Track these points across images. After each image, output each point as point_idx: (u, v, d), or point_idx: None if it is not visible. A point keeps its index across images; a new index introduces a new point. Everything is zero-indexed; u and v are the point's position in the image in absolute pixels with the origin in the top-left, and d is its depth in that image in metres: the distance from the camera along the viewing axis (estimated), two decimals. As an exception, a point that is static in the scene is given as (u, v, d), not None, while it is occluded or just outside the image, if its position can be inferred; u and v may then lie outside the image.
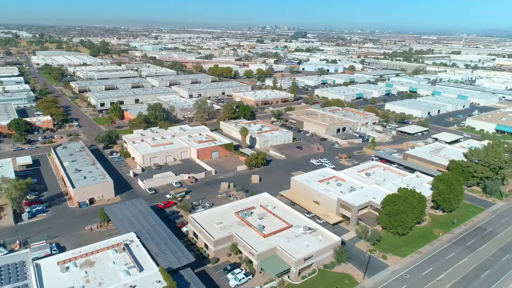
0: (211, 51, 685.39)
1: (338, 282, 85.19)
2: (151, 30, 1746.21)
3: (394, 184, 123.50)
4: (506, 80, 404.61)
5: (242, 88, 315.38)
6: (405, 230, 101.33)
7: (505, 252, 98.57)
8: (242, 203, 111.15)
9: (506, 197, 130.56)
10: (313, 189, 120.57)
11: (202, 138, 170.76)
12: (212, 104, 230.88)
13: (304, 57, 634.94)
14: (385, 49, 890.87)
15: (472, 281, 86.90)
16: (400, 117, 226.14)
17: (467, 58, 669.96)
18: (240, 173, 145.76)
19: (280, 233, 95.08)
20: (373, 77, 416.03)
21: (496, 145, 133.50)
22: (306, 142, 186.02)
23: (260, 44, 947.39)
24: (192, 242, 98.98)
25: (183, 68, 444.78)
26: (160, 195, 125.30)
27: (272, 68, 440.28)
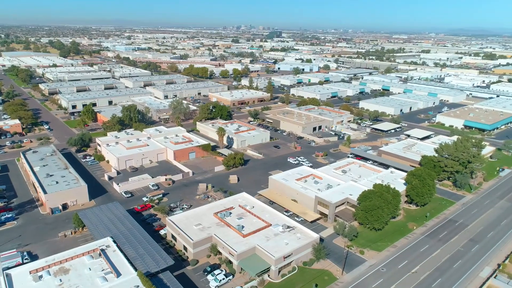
0: (186, 51, 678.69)
1: (317, 278, 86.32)
2: (123, 30, 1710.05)
3: (369, 180, 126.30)
4: (473, 78, 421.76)
5: (218, 88, 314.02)
6: (381, 225, 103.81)
7: (475, 243, 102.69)
8: (221, 204, 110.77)
9: (474, 190, 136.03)
10: (291, 188, 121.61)
11: (178, 139, 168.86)
12: (188, 105, 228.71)
13: (279, 56, 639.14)
14: (358, 48, 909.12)
15: (445, 272, 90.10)
16: (374, 115, 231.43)
17: (436, 57, 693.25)
18: (218, 174, 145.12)
19: (259, 232, 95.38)
20: (347, 76, 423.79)
21: (465, 140, 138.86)
22: (283, 141, 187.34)
23: (236, 44, 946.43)
24: (170, 244, 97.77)
25: (157, 68, 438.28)
26: (136, 198, 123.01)
27: (248, 68, 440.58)
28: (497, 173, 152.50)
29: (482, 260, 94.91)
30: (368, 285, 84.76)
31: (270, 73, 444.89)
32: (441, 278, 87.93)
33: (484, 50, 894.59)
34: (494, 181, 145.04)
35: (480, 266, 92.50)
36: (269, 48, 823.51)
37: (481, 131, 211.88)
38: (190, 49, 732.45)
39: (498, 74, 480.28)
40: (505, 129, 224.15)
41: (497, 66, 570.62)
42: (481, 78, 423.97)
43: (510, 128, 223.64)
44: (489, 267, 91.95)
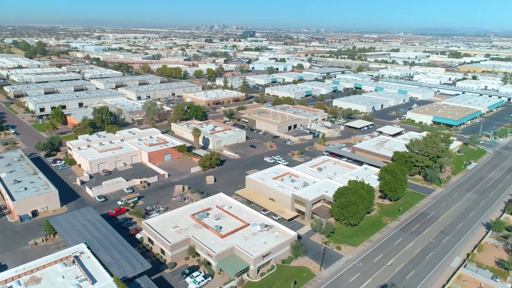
0: (158, 51, 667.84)
1: (296, 276, 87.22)
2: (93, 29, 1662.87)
3: (344, 177, 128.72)
4: (440, 76, 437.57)
5: (192, 88, 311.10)
6: (356, 220, 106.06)
7: (445, 234, 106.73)
8: (198, 205, 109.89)
9: (444, 183, 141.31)
10: (268, 187, 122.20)
11: (153, 141, 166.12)
12: (162, 106, 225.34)
13: (253, 56, 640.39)
14: (330, 47, 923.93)
15: (418, 264, 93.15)
16: (347, 113, 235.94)
17: (405, 55, 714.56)
18: (194, 175, 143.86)
19: (238, 232, 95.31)
20: (320, 74, 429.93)
21: (434, 136, 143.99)
22: (259, 141, 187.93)
23: (209, 44, 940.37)
24: (147, 248, 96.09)
25: (129, 69, 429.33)
26: (110, 202, 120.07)
27: (222, 68, 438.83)
28: (464, 166, 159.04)
29: (453, 251, 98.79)
30: (346, 280, 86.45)
31: (245, 73, 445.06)
32: (415, 269, 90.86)
33: (450, 48, 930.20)
34: (462, 175, 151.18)
35: (451, 257, 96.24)
36: (243, 48, 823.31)
37: (449, 126, 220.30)
38: (163, 49, 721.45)
39: (463, 71, 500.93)
40: (470, 124, 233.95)
41: (462, 64, 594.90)
42: (447, 76, 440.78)
43: (476, 123, 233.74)
44: (459, 257, 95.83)
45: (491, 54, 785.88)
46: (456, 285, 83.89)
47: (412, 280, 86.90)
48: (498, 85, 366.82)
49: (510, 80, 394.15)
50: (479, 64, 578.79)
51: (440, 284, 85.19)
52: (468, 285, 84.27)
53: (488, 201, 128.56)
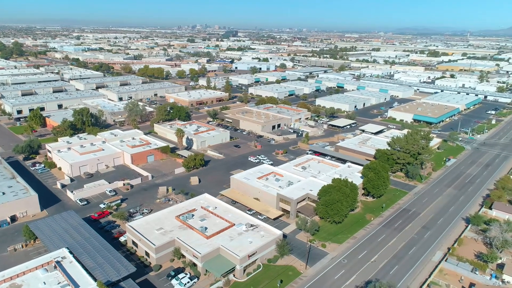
0: (140, 51, 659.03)
1: (282, 274, 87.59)
2: (71, 29, 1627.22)
3: (328, 175, 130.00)
4: (419, 74, 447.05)
5: (175, 88, 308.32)
6: (340, 218, 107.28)
7: (427, 229, 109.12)
8: (182, 206, 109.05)
9: (425, 179, 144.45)
10: (252, 186, 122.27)
11: (135, 142, 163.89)
12: (144, 106, 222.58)
13: (236, 56, 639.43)
14: (312, 47, 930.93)
15: (402, 259, 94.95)
16: (330, 112, 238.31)
17: (385, 55, 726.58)
18: (178, 176, 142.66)
19: (223, 232, 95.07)
20: (303, 74, 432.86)
21: (414, 133, 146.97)
22: (243, 140, 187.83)
23: (191, 44, 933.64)
24: (131, 251, 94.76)
25: (110, 69, 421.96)
26: (93, 205, 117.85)
27: (205, 68, 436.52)
28: (444, 163, 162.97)
29: (434, 245, 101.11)
30: (331, 277, 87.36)
31: (228, 73, 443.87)
32: (398, 265, 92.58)
33: (429, 48, 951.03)
34: (442, 171, 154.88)
35: (433, 251, 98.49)
36: (225, 48, 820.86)
37: (429, 124, 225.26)
38: (144, 49, 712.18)
39: (441, 70, 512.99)
40: (449, 121, 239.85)
41: (441, 63, 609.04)
42: (426, 74, 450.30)
43: (454, 121, 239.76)
44: (441, 252, 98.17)
45: (467, 53, 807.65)
46: (438, 279, 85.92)
47: (395, 275, 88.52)
48: (475, 83, 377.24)
49: (486, 78, 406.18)
50: (457, 63, 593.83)
51: (423, 278, 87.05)
52: (449, 278, 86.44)
53: (467, 196, 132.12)
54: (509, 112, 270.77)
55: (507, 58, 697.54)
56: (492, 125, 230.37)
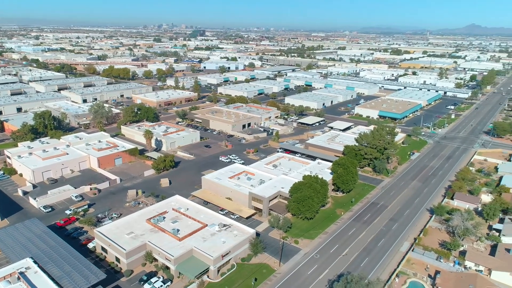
0: (104, 51, 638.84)
1: (257, 272, 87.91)
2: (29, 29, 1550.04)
3: (299, 172, 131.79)
4: (383, 72, 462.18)
5: (142, 89, 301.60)
6: (312, 214, 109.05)
7: (394, 222, 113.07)
8: (153, 209, 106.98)
9: (391, 173, 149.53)
10: (224, 186, 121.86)
11: (102, 145, 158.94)
12: (110, 108, 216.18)
13: (204, 55, 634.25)
14: (280, 46, 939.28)
15: (371, 251, 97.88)
16: (299, 110, 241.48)
17: (351, 53, 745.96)
18: (148, 178, 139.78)
19: (196, 234, 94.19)
20: (272, 73, 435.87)
21: (380, 129, 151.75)
22: (214, 140, 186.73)
23: (158, 43, 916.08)
24: (101, 257, 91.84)
25: (73, 70, 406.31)
26: (58, 212, 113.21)
27: (172, 68, 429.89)
28: (408, 157, 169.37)
29: (401, 237, 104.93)
30: (304, 273, 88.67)
31: (196, 72, 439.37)
32: (368, 257, 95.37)
33: (391, 46, 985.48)
34: (407, 164, 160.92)
35: (400, 242, 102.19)
36: (193, 47, 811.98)
37: (393, 120, 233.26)
38: (109, 49, 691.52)
39: (404, 68, 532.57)
40: (412, 117, 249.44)
41: (403, 61, 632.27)
42: (390, 72, 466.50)
43: (417, 116, 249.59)
44: (408, 242, 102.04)
45: (428, 51, 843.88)
46: (405, 268, 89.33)
47: (366, 267, 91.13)
48: (435, 80, 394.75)
49: (445, 75, 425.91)
50: (418, 61, 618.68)
51: (391, 269, 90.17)
52: (416, 267, 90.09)
53: (430, 188, 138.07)
54: (467, 107, 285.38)
55: (464, 55, 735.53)
56: (451, 120, 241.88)
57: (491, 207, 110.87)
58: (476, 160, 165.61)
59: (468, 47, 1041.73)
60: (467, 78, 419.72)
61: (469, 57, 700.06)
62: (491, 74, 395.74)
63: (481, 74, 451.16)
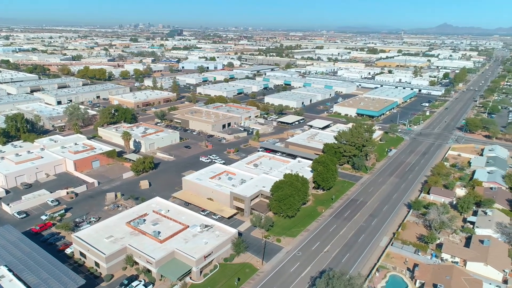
0: (78, 51, 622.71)
1: (239, 272, 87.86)
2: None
3: (280, 171, 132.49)
4: (360, 70, 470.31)
5: (119, 90, 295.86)
6: (293, 212, 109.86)
7: (374, 217, 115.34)
8: (133, 212, 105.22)
9: (369, 170, 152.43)
10: (205, 186, 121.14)
11: (78, 148, 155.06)
12: (86, 110, 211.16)
13: (182, 55, 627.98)
14: (259, 45, 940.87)
15: (352, 247, 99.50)
16: (278, 109, 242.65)
17: (328, 52, 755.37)
18: (127, 181, 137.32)
19: (177, 235, 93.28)
20: (251, 72, 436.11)
21: (358, 127, 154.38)
22: (194, 141, 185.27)
23: (135, 43, 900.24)
24: (79, 263, 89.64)
25: (46, 71, 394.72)
26: (33, 217, 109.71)
27: (150, 68, 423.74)
28: (386, 153, 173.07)
29: (381, 232, 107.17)
30: (287, 270, 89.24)
31: (174, 72, 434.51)
32: (349, 252, 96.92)
33: (368, 45, 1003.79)
34: (384, 161, 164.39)
35: (380, 237, 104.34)
36: (171, 47, 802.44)
37: (371, 117, 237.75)
38: (84, 49, 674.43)
39: (380, 66, 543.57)
40: (389, 114, 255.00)
41: (379, 59, 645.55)
42: (367, 71, 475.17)
43: (393, 113, 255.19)
44: (387, 237, 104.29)
45: (402, 50, 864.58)
46: (385, 262, 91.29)
47: (347, 262, 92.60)
48: (410, 78, 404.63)
49: (420, 73, 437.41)
50: (393, 59, 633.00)
51: (372, 263, 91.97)
52: (396, 261, 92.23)
53: (407, 183, 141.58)
54: (440, 104, 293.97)
55: (437, 54, 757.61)
56: (426, 116, 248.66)
57: (465, 200, 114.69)
58: (450, 156, 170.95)
59: (440, 46, 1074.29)
60: (440, 76, 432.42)
61: (442, 56, 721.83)
62: (463, 72, 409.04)
63: (453, 72, 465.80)
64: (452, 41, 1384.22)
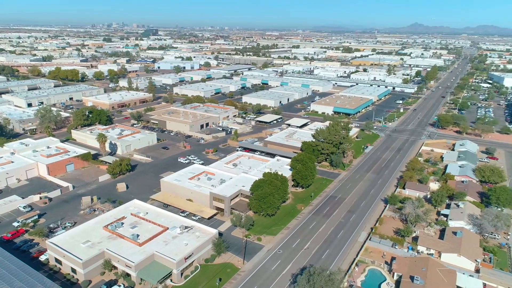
0: (49, 52, 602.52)
1: (221, 273, 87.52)
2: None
3: (259, 170, 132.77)
4: (336, 69, 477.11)
5: (93, 91, 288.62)
6: (273, 210, 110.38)
7: (352, 213, 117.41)
8: (110, 215, 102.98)
9: (347, 167, 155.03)
10: (184, 187, 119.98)
11: (51, 151, 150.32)
12: (59, 112, 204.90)
13: (158, 55, 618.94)
14: (236, 45, 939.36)
15: (331, 243, 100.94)
16: (256, 108, 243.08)
17: (305, 51, 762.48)
18: (103, 184, 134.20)
19: (157, 238, 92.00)
20: (228, 72, 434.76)
21: (335, 125, 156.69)
22: (172, 142, 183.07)
23: (108, 43, 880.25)
24: (55, 270, 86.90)
25: (15, 73, 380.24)
26: (4, 224, 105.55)
27: (125, 68, 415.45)
28: (362, 150, 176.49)
29: (359, 227, 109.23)
30: (268, 269, 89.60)
31: (150, 73, 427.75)
32: (329, 249, 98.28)
33: (343, 44, 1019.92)
34: (361, 158, 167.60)
35: (358, 232, 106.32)
36: (146, 47, 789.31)
37: (347, 115, 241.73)
38: (55, 50, 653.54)
39: (355, 65, 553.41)
40: (365, 112, 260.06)
41: (354, 58, 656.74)
42: (343, 69, 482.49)
43: (369, 111, 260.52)
44: (365, 232, 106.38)
45: (376, 49, 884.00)
46: (364, 257, 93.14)
47: (327, 258, 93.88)
48: (384, 76, 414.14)
49: (393, 72, 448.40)
50: (368, 58, 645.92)
51: (351, 258, 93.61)
52: (374, 255, 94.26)
53: (384, 179, 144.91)
54: (413, 101, 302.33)
55: (409, 53, 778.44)
56: (400, 113, 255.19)
57: (438, 194, 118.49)
58: (424, 151, 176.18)
59: (412, 45, 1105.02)
60: (413, 74, 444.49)
61: (414, 54, 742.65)
62: (434, 70, 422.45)
63: (425, 70, 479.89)
64: (423, 40, 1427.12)
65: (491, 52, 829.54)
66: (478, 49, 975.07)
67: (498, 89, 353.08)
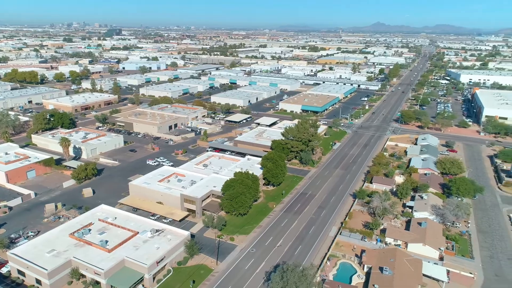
0: (4, 53, 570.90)
1: (194, 275, 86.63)
2: None
3: (230, 170, 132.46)
4: (303, 68, 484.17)
5: (54, 93, 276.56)
6: (245, 210, 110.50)
7: (322, 209, 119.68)
8: (77, 222, 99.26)
9: (316, 164, 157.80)
10: (154, 190, 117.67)
11: (10, 158, 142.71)
12: (17, 116, 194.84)
13: (122, 55, 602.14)
14: (202, 44, 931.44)
15: (303, 239, 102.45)
16: (225, 108, 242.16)
17: (272, 51, 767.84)
18: (68, 190, 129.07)
19: (126, 243, 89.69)
20: (195, 72, 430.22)
21: (304, 122, 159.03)
22: (139, 144, 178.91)
23: (69, 43, 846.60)
24: (18, 282, 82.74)
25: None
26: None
27: (87, 69, 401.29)
28: (331, 147, 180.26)
29: (330, 222, 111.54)
30: (242, 268, 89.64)
31: (115, 74, 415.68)
32: (301, 245, 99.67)
33: (309, 43, 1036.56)
34: (330, 154, 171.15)
35: (329, 227, 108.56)
36: (109, 47, 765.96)
37: (315, 113, 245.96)
38: (10, 51, 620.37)
39: (321, 63, 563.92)
40: (332, 109, 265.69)
41: (320, 57, 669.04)
42: (309, 68, 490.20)
43: (336, 108, 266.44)
44: (335, 227, 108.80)
45: (341, 47, 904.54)
46: (335, 251, 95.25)
47: (300, 255, 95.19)
48: (349, 74, 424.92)
49: (358, 70, 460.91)
50: (333, 57, 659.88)
51: (323, 253, 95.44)
52: (345, 249, 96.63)
53: (352, 174, 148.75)
54: (378, 98, 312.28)
55: (373, 51, 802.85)
56: (366, 110, 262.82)
57: (403, 187, 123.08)
58: (389, 146, 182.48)
59: (375, 44, 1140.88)
60: (376, 72, 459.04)
61: (377, 53, 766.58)
62: (396, 68, 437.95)
63: (388, 67, 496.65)
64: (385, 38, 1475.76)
65: (448, 50, 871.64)
66: (436, 47, 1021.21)
67: (456, 85, 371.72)
